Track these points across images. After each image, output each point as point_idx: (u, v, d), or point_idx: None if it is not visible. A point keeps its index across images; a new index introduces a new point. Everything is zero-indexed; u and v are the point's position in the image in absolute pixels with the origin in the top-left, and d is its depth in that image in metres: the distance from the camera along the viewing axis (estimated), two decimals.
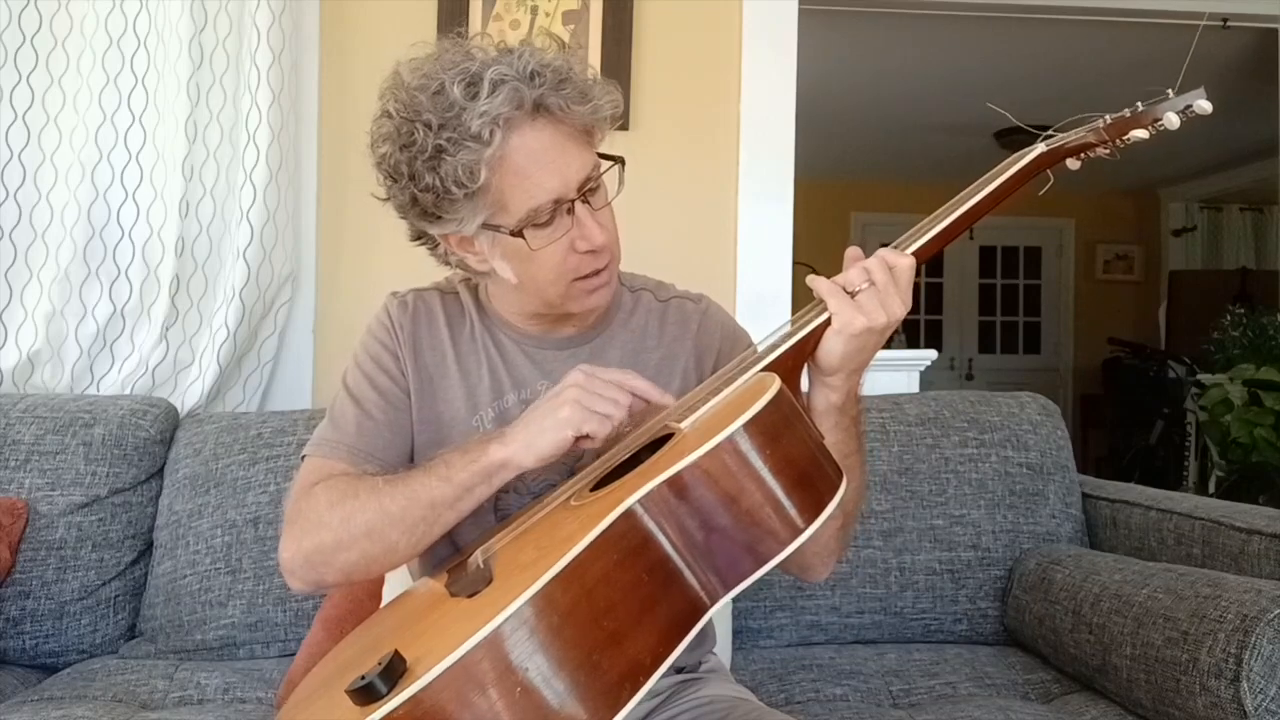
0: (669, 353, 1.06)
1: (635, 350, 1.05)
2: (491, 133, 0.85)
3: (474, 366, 1.04)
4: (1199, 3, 2.57)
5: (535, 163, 0.88)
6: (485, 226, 0.91)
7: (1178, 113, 0.85)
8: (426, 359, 1.04)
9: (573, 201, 0.90)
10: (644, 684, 0.64)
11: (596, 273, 0.94)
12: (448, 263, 1.01)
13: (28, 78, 1.72)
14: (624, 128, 1.46)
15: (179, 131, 1.71)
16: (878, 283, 0.84)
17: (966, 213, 0.92)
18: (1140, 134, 0.87)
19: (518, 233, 0.90)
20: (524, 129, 0.87)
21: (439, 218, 0.90)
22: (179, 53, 1.71)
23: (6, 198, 1.73)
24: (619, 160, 0.94)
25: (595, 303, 0.98)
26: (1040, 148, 0.90)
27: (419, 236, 0.98)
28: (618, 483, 0.75)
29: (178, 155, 1.71)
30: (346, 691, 0.62)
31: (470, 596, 0.72)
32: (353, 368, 1.05)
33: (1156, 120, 0.86)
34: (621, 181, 0.95)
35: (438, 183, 0.86)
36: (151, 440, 1.56)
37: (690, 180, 1.94)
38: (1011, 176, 0.90)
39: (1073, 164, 0.91)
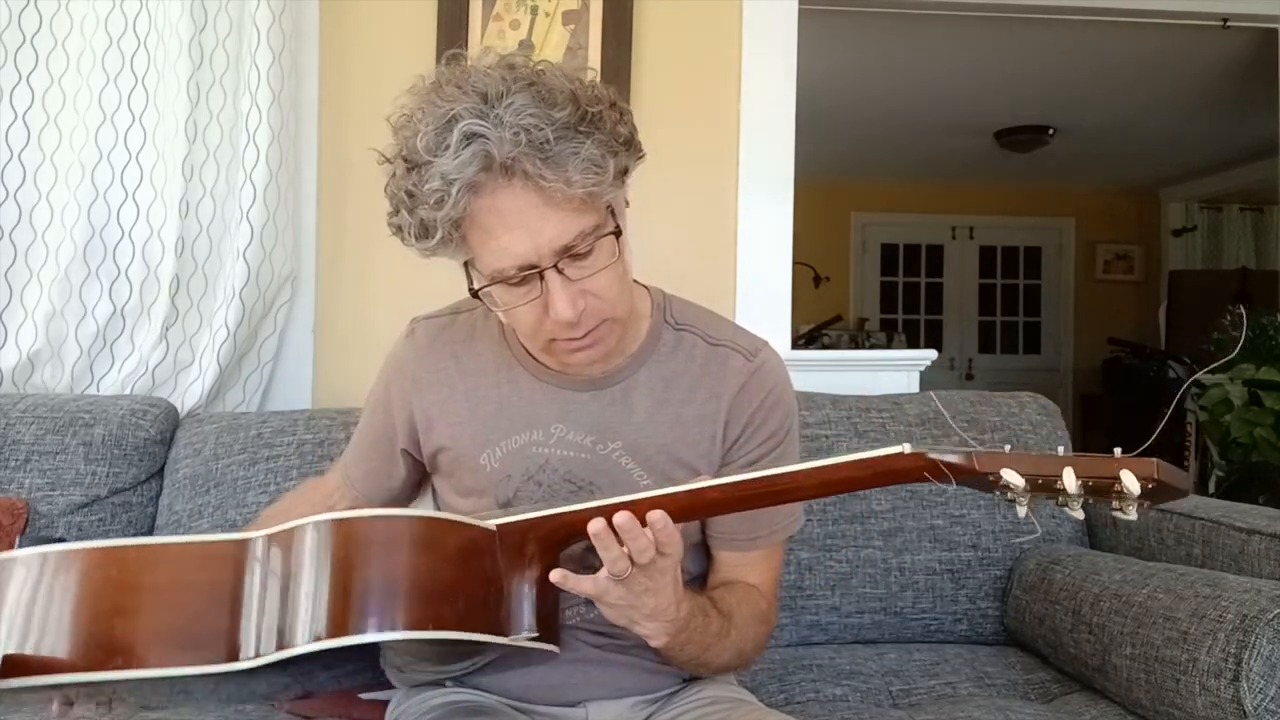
0: (704, 411, 0.98)
1: (660, 400, 0.98)
2: (444, 197, 0.79)
3: (484, 400, 1.00)
4: (1199, 3, 2.57)
5: (503, 225, 0.81)
6: (467, 266, 0.88)
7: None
8: (429, 396, 1.02)
9: (543, 270, 0.83)
10: (124, 670, 0.72)
11: (573, 338, 0.88)
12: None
13: (28, 78, 1.72)
14: None
15: (179, 131, 1.71)
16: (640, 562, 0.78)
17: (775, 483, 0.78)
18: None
19: (481, 289, 0.86)
20: (494, 190, 0.80)
21: (429, 252, 0.87)
22: (179, 53, 1.71)
23: (6, 198, 1.72)
24: (616, 232, 0.86)
25: (580, 361, 0.92)
26: (905, 448, 0.74)
27: None
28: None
29: (178, 155, 1.71)
30: None
31: None
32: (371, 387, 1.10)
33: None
34: (618, 252, 0.87)
35: (416, 223, 0.83)
36: (151, 440, 1.56)
37: (690, 180, 1.94)
38: (855, 466, 0.76)
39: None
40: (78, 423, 1.52)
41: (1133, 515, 0.71)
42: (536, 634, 0.81)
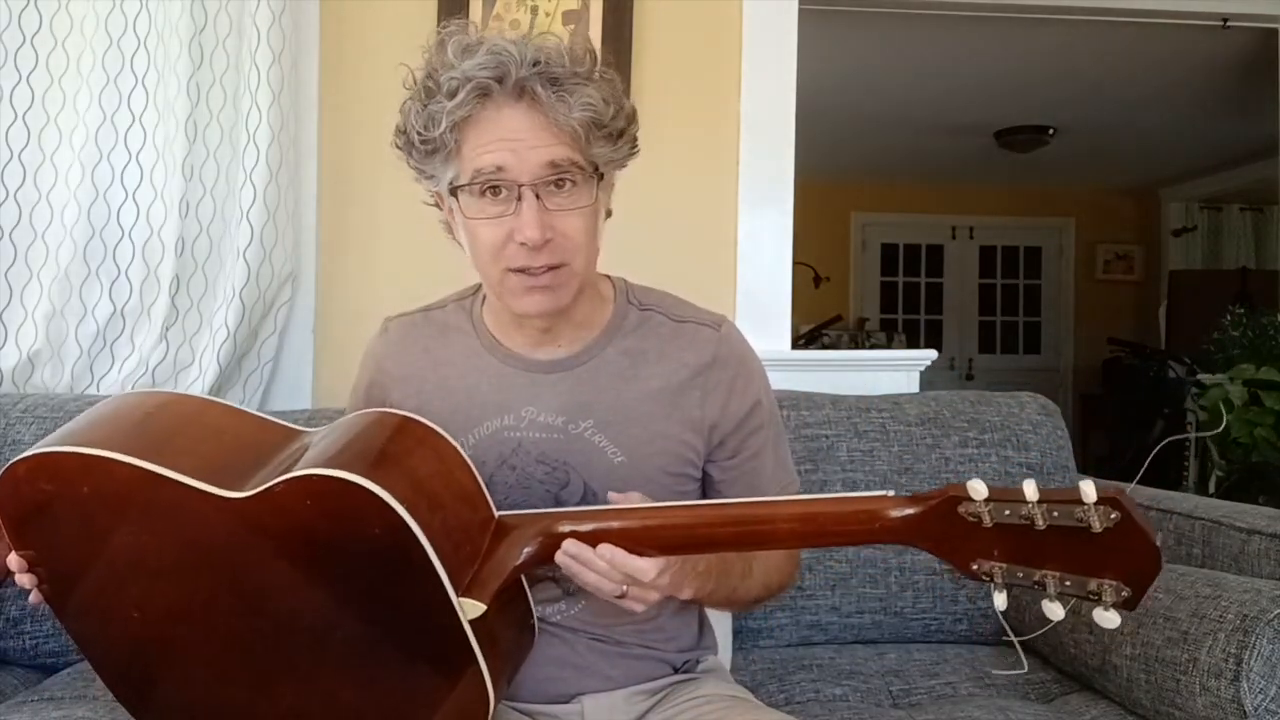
0: (670, 381, 1.00)
1: (628, 377, 1.00)
2: (458, 90, 0.86)
3: (455, 390, 1.02)
4: (1199, 3, 2.57)
5: (498, 134, 0.88)
6: (450, 188, 0.92)
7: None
8: (403, 389, 1.05)
9: (521, 186, 0.88)
10: (153, 464, 0.82)
11: (530, 272, 0.91)
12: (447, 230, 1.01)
13: (28, 78, 1.72)
14: None
15: (179, 131, 1.71)
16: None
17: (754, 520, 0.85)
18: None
19: (455, 190, 0.91)
20: (499, 104, 0.88)
21: (423, 171, 0.93)
22: (179, 53, 1.71)
23: (6, 198, 1.72)
24: (598, 174, 0.92)
25: (533, 307, 0.94)
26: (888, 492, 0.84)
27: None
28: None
29: (178, 155, 1.71)
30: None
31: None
32: None
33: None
34: (609, 212, 0.94)
35: (413, 129, 0.90)
36: None
37: (690, 180, 1.94)
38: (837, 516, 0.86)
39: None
40: None
41: (1115, 621, 0.73)
42: (483, 611, 0.81)
